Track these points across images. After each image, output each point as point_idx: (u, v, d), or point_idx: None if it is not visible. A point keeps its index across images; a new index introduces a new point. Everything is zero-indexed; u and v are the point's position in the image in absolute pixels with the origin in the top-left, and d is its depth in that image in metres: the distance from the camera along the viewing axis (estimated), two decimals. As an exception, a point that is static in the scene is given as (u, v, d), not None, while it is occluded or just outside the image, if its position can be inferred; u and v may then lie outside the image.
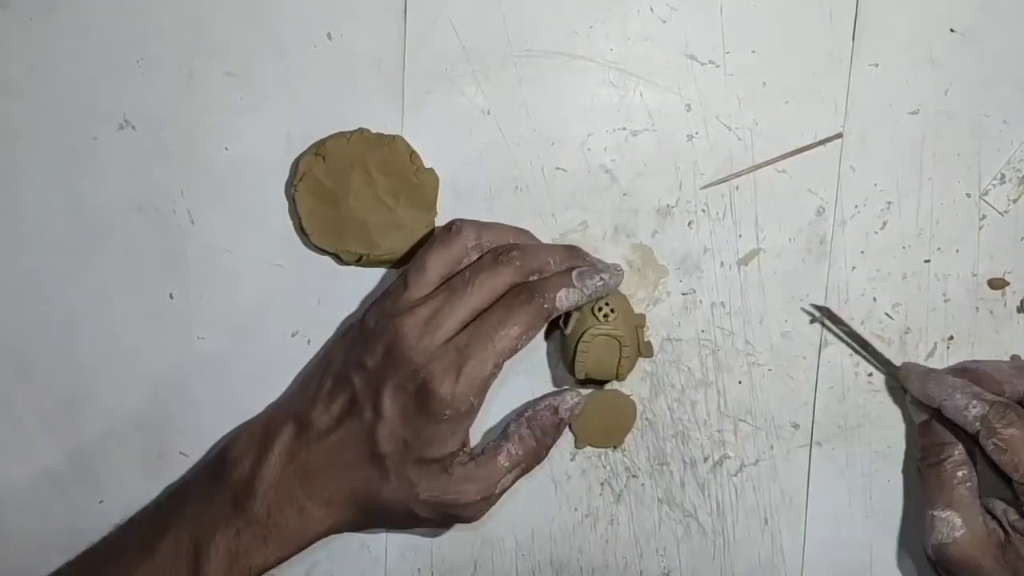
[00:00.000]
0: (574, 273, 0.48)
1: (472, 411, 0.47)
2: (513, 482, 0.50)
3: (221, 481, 0.49)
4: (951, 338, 0.53)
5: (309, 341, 0.53)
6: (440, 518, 0.49)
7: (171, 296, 0.53)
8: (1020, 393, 0.49)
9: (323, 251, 0.52)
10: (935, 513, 0.48)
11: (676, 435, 0.54)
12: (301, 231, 0.52)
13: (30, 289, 0.53)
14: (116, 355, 0.53)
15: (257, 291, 0.53)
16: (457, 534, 0.54)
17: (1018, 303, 0.53)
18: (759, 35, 0.51)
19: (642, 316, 0.52)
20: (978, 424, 0.46)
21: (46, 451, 0.54)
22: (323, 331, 0.53)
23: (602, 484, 0.54)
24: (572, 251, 0.50)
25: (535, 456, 0.50)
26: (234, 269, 0.53)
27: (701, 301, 0.53)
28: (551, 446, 0.51)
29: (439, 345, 0.47)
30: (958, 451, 0.49)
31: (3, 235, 0.53)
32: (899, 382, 0.52)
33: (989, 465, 0.48)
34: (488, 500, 0.49)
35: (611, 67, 0.52)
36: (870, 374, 0.53)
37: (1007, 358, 0.53)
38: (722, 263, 0.53)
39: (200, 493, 0.49)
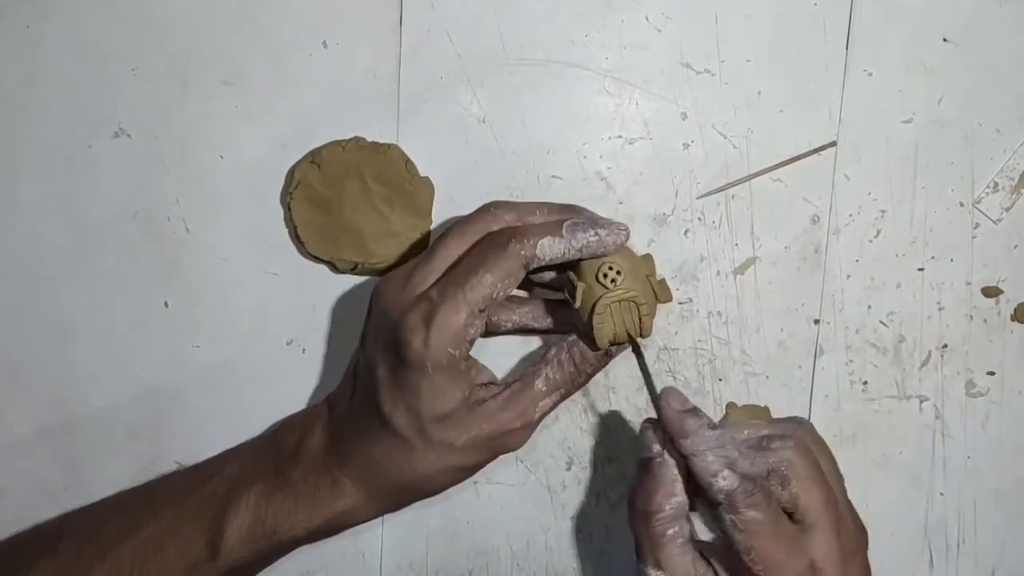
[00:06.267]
0: (565, 224, 0.45)
1: (456, 362, 0.45)
2: (553, 407, 0.47)
3: (269, 449, 0.49)
4: (945, 346, 0.53)
5: (304, 350, 0.53)
6: (485, 455, 0.47)
7: (166, 304, 0.53)
8: (762, 469, 0.44)
9: (318, 259, 0.52)
10: (646, 570, 0.44)
11: (672, 444, 0.54)
12: (296, 239, 0.52)
13: (25, 297, 0.53)
14: (111, 363, 0.53)
15: (252, 299, 0.53)
16: (453, 544, 0.54)
17: (1012, 311, 0.53)
18: (754, 44, 0.52)
19: (650, 260, 0.48)
20: (722, 497, 0.42)
21: (40, 459, 0.54)
22: (318, 339, 0.53)
23: (598, 495, 0.54)
24: (568, 207, 0.47)
25: (573, 383, 0.47)
26: (229, 277, 0.53)
27: (698, 310, 0.53)
28: (592, 374, 0.48)
29: (413, 298, 0.45)
30: (670, 505, 0.44)
31: (-3, 243, 0.53)
32: (654, 405, 0.45)
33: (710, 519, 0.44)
34: (529, 426, 0.46)
35: (607, 76, 0.52)
36: (865, 382, 0.53)
37: (1001, 366, 0.53)
38: (718, 272, 0.53)
39: (246, 456, 0.50)
